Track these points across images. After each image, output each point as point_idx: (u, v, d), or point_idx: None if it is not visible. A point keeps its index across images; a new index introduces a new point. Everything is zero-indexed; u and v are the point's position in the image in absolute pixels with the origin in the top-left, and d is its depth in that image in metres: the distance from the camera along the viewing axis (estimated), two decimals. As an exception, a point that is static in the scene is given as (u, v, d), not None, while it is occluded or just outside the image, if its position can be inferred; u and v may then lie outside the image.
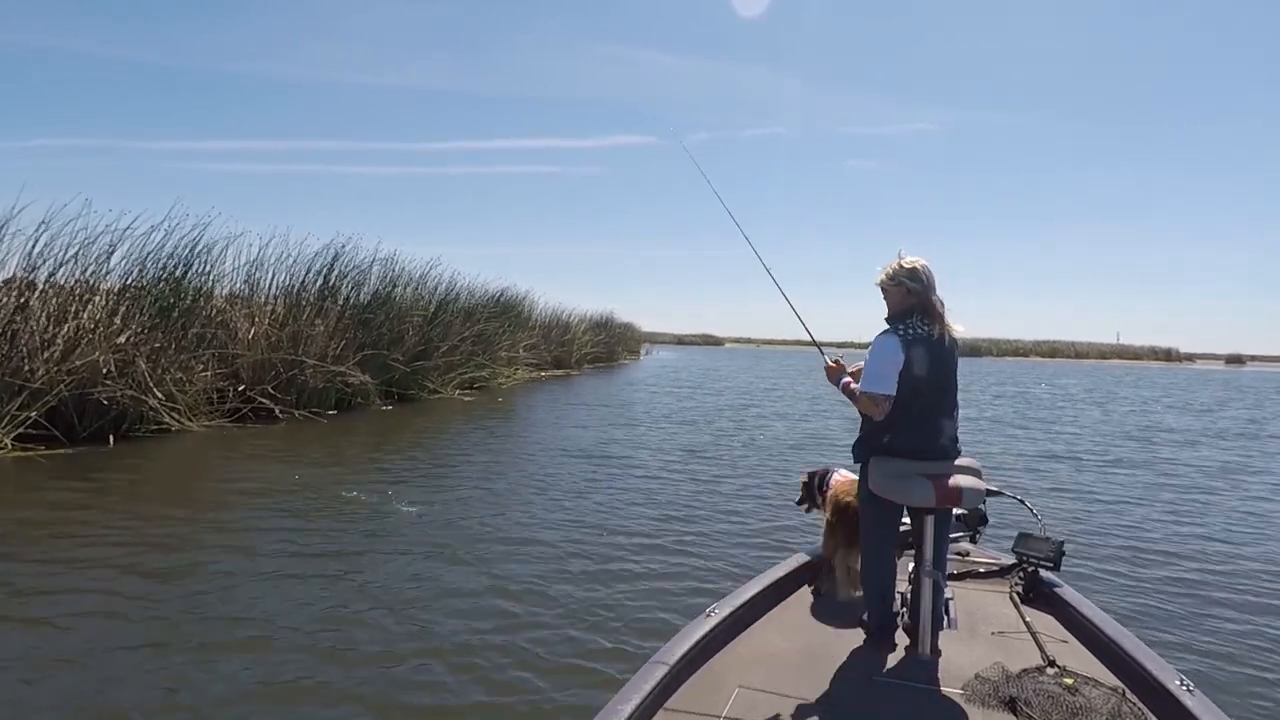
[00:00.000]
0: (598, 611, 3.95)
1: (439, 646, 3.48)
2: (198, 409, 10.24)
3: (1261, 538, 5.99)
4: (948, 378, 2.75)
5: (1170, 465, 9.61)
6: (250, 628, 3.66)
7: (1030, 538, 3.34)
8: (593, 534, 5.49)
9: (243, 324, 11.63)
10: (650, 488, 7.20)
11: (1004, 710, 2.26)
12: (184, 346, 10.03)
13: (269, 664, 3.29)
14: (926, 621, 2.66)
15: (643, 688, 2.19)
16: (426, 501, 6.39)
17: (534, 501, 6.51)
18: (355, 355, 12.92)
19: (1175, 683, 2.31)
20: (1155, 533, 5.99)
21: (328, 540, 5.19)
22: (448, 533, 5.44)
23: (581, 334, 29.71)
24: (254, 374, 11.39)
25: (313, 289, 13.04)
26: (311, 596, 4.09)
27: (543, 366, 24.60)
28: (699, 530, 5.72)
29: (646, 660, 2.40)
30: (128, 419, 9.06)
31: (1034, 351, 79.32)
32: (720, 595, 3.09)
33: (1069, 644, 2.77)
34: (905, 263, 2.76)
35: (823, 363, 3.06)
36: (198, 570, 4.49)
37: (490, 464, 8.23)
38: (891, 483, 2.65)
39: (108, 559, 4.62)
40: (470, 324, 17.38)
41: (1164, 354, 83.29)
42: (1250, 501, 7.46)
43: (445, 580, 4.40)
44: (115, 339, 9.09)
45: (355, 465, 7.95)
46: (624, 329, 39.16)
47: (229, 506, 6.14)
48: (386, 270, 14.76)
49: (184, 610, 3.84)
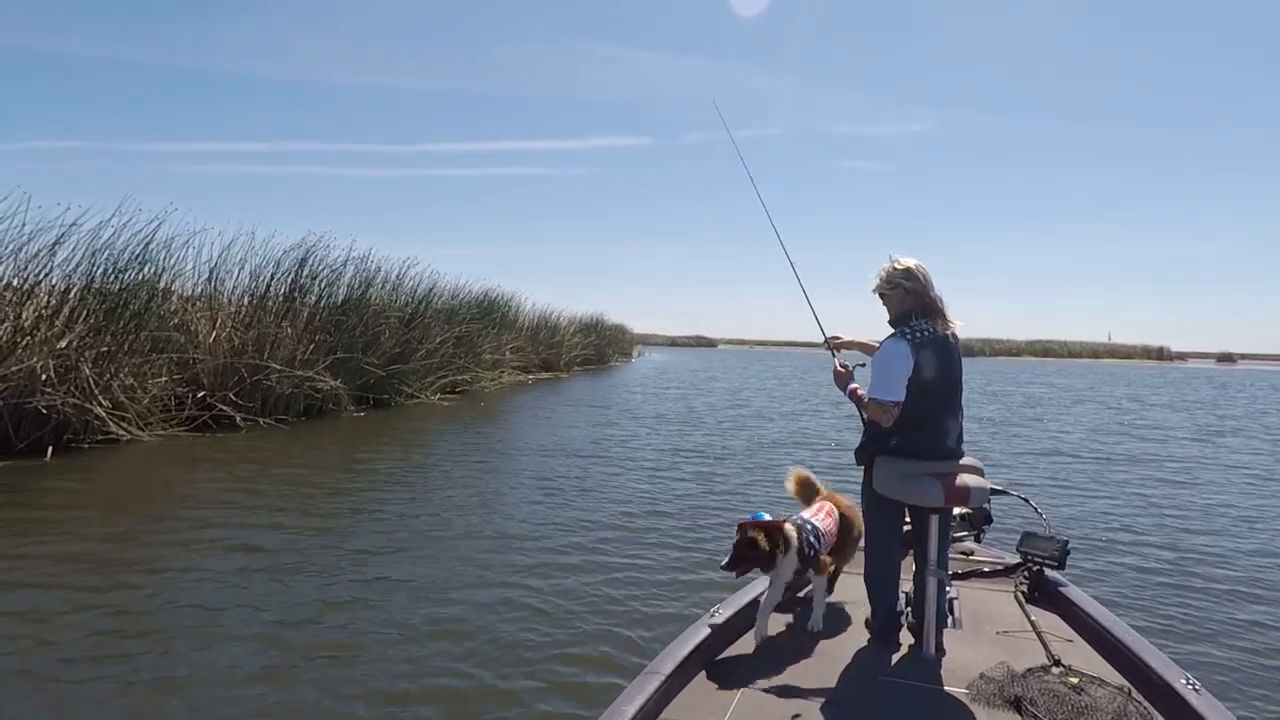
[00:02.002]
0: (596, 615, 3.89)
1: (430, 668, 3.26)
2: (152, 417, 9.59)
3: (1268, 535, 5.92)
4: (954, 377, 2.71)
5: (1174, 463, 9.53)
6: (181, 664, 3.22)
7: (1035, 537, 3.32)
8: (573, 534, 5.30)
9: (204, 326, 10.98)
10: (641, 489, 6.84)
11: (1009, 710, 2.24)
12: (136, 350, 9.37)
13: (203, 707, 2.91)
14: (931, 621, 2.62)
15: (647, 689, 2.17)
16: (379, 512, 5.97)
17: (504, 505, 6.28)
18: (326, 359, 12.28)
19: (1181, 682, 2.28)
20: (1160, 531, 5.92)
21: (271, 557, 4.75)
22: (403, 540, 5.09)
23: (571, 336, 29.19)
24: (215, 380, 10.74)
25: (280, 289, 12.39)
26: (255, 620, 3.62)
27: (530, 369, 24.00)
28: (699, 529, 5.64)
29: (650, 662, 2.39)
30: (71, 429, 8.41)
31: (1027, 351, 79.29)
32: (724, 596, 3.06)
33: (1074, 643, 2.76)
34: (899, 264, 2.72)
35: (832, 365, 3.04)
36: (127, 590, 4.10)
37: (460, 472, 7.69)
38: (899, 483, 2.62)
39: (33, 580, 4.24)
40: (451, 325, 16.76)
41: (1156, 353, 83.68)
42: (1256, 498, 7.40)
43: (403, 592, 4.10)
44: (56, 343, 8.44)
45: (314, 475, 7.34)
46: (615, 330, 38.66)
47: (166, 521, 5.64)
48: (361, 270, 14.12)
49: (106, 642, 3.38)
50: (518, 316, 23.93)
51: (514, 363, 22.35)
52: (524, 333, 24.15)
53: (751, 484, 7.55)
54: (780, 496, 4.42)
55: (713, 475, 7.99)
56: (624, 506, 6.41)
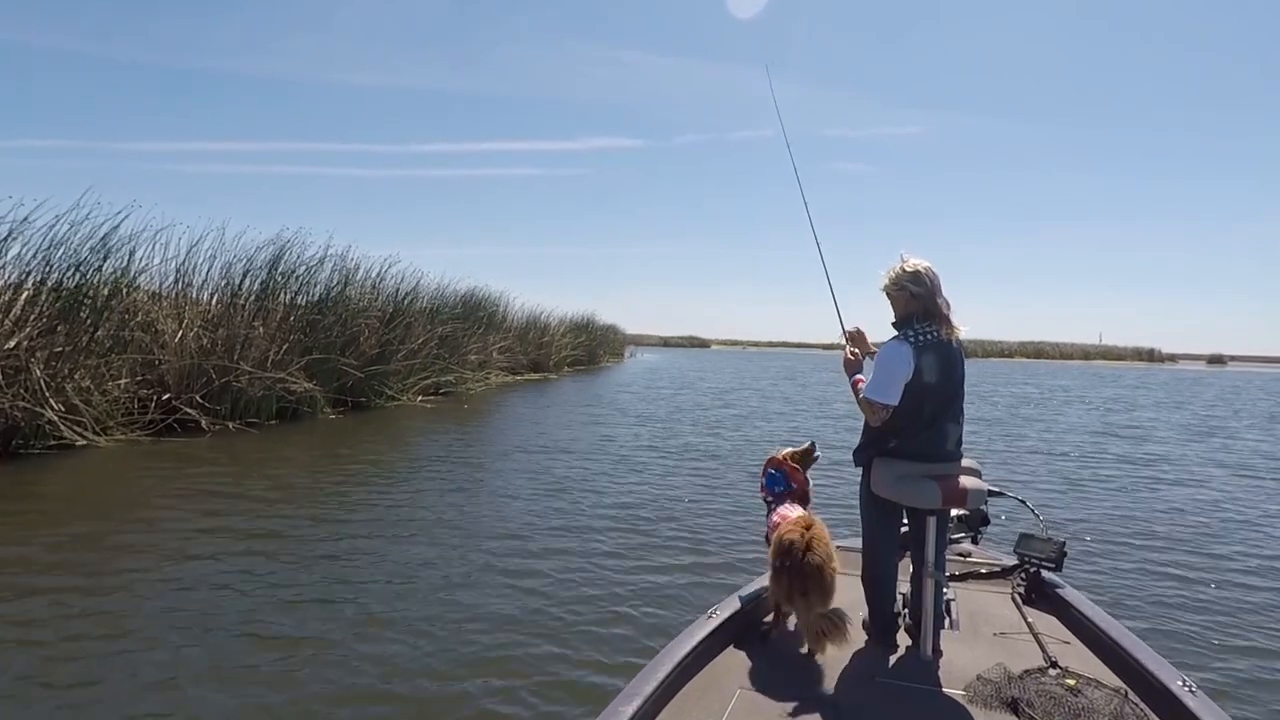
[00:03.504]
0: (596, 615, 3.88)
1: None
2: (111, 421, 9.10)
3: (1265, 537, 5.88)
4: (956, 382, 2.70)
5: (1170, 464, 9.50)
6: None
7: (1032, 538, 3.32)
8: (568, 534, 5.23)
9: (170, 325, 10.49)
10: (640, 489, 6.55)
11: (1006, 711, 2.24)
12: (93, 350, 8.89)
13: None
14: (928, 622, 2.62)
15: (644, 689, 2.16)
16: (343, 520, 5.59)
17: (484, 504, 6.12)
18: (300, 360, 11.81)
19: (1178, 683, 2.28)
20: (1157, 533, 5.88)
21: (210, 565, 4.38)
22: (362, 545, 4.80)
23: (561, 336, 28.77)
24: (181, 381, 10.25)
25: (252, 287, 11.91)
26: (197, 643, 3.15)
27: (518, 370, 23.56)
28: (698, 529, 5.65)
29: (648, 661, 2.38)
30: (20, 434, 7.93)
31: (1018, 352, 79.32)
32: (722, 596, 3.04)
33: (1071, 645, 2.75)
34: (908, 266, 2.70)
35: (844, 351, 3.02)
36: (60, 604, 3.77)
37: (435, 475, 7.25)
38: (897, 485, 2.62)
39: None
40: (434, 325, 16.30)
41: (1147, 354, 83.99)
42: (1253, 499, 7.37)
43: (370, 594, 3.81)
44: (4, 343, 7.95)
45: (277, 479, 6.89)
46: (606, 331, 38.28)
47: (111, 523, 5.28)
48: (339, 267, 13.64)
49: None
50: (506, 316, 23.49)
51: (501, 364, 21.91)
52: (512, 333, 23.71)
53: (751, 483, 7.31)
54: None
55: (712, 475, 7.87)
56: (622, 506, 6.31)
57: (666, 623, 3.70)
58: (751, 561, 4.75)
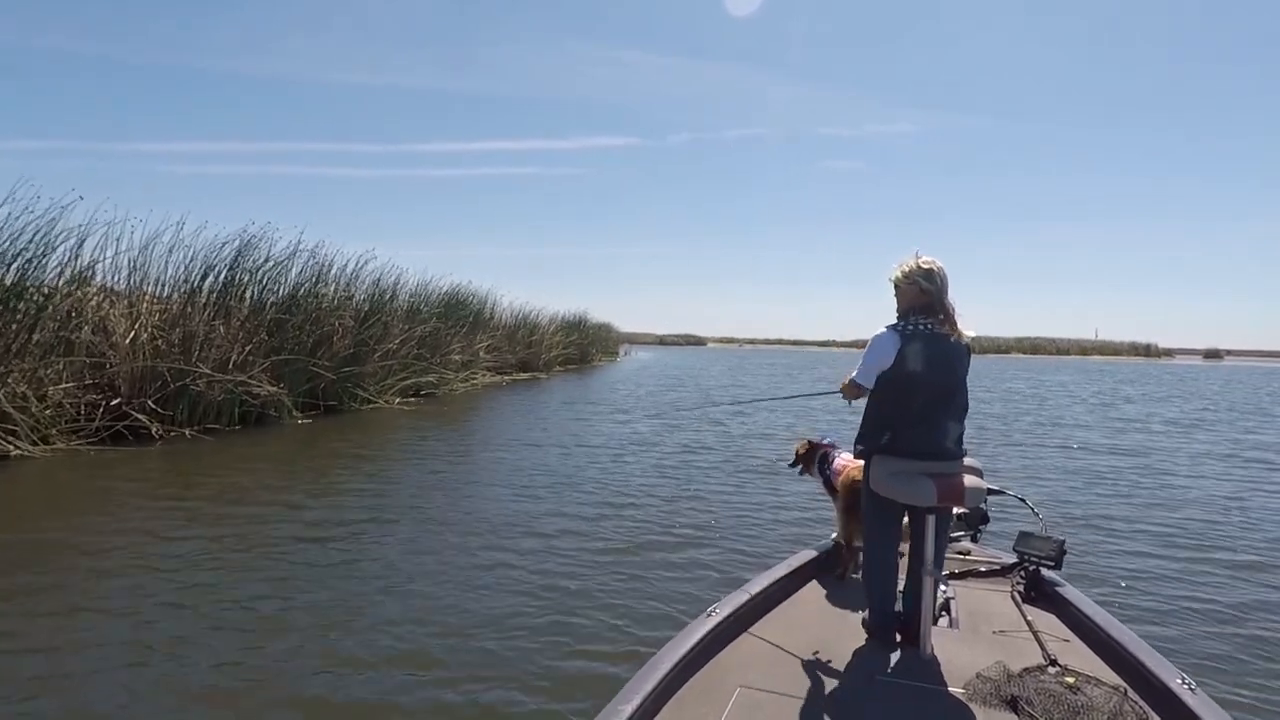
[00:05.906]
0: (594, 614, 3.85)
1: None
2: (53, 429, 8.41)
3: (1265, 532, 5.82)
4: (955, 380, 2.71)
5: (1172, 461, 9.35)
6: None
7: (1031, 536, 3.32)
8: (565, 535, 5.06)
9: (121, 325, 9.79)
10: (635, 489, 6.13)
11: (1005, 709, 2.23)
12: (29, 352, 8.20)
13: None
14: (928, 620, 2.62)
15: (643, 688, 2.15)
16: (294, 528, 4.97)
17: (465, 504, 5.92)
18: (265, 361, 11.11)
19: (1177, 681, 2.27)
20: (1157, 530, 5.81)
21: (137, 596, 3.84)
22: (317, 555, 4.26)
23: (552, 335, 28.11)
24: (133, 385, 9.55)
25: (214, 284, 11.20)
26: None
27: (506, 370, 22.89)
28: (699, 529, 5.63)
29: (647, 660, 2.35)
30: (-57, 445, 7.25)
31: (1015, 349, 79.04)
32: (720, 596, 3.02)
33: (1071, 643, 2.75)
34: (923, 262, 2.73)
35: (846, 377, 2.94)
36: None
37: (403, 485, 6.59)
38: (894, 482, 2.64)
39: None
40: (414, 324, 15.62)
41: (1143, 349, 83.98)
42: (1254, 496, 7.29)
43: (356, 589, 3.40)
44: (-76, 345, 7.26)
45: (228, 488, 6.22)
46: (599, 329, 37.64)
47: (36, 541, 4.65)
48: (309, 264, 12.93)
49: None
50: (493, 315, 22.82)
51: (488, 363, 21.24)
52: (500, 332, 23.04)
53: (749, 481, 7.12)
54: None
55: (711, 474, 7.78)
56: (613, 504, 6.26)
57: (666, 621, 3.67)
58: (751, 557, 4.78)
